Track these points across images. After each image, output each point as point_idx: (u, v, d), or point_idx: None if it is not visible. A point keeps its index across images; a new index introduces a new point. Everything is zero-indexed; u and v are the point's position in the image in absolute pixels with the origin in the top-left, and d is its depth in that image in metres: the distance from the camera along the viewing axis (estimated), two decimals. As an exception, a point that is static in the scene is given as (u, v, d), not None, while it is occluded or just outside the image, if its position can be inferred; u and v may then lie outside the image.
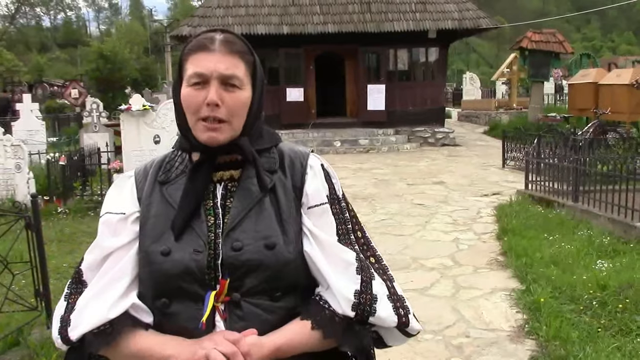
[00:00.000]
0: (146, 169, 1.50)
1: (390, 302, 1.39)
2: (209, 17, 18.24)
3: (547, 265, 5.72)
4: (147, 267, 1.36)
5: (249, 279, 1.33)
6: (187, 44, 1.42)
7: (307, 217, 1.42)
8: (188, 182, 1.40)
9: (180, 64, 1.42)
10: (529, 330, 4.49)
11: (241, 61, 1.39)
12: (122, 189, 1.48)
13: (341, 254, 1.39)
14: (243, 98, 1.39)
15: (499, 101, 26.62)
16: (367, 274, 1.38)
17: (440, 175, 12.75)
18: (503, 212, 8.20)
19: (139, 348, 1.33)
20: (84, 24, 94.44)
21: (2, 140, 9.66)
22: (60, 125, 23.53)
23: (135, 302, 1.35)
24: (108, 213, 1.44)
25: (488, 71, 54.40)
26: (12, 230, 4.30)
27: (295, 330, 1.34)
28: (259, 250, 1.33)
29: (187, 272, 1.32)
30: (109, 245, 1.39)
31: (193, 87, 1.36)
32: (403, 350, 4.28)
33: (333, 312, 1.35)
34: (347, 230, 1.46)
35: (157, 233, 1.37)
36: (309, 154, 1.52)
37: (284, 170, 1.45)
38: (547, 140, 11.57)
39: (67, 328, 1.34)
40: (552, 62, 19.46)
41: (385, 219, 8.62)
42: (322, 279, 1.38)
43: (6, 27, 44.54)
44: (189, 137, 1.40)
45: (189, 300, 1.33)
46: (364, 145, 17.97)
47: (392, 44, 18.84)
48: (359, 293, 1.35)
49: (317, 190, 1.45)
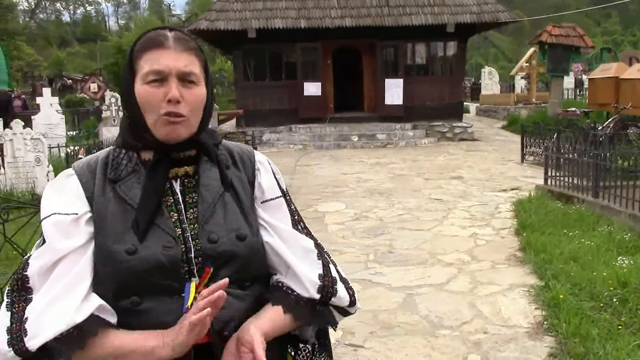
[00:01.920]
0: (90, 166, 1.44)
1: (342, 283, 1.52)
2: (226, 12, 18.25)
3: (567, 261, 5.66)
4: (110, 267, 1.33)
5: (224, 269, 1.39)
6: (135, 42, 1.42)
7: (261, 210, 1.50)
8: (147, 180, 1.39)
9: (131, 62, 1.40)
10: (548, 327, 4.44)
11: (196, 58, 1.42)
12: (65, 189, 1.41)
13: (301, 242, 1.50)
14: (201, 94, 1.41)
15: (518, 96, 26.37)
16: (325, 258, 1.51)
17: (458, 170, 12.67)
18: (522, 208, 8.12)
19: (116, 346, 1.30)
20: (103, 19, 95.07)
21: (23, 134, 9.76)
22: (80, 119, 23.75)
23: (101, 304, 1.32)
24: (56, 214, 1.37)
25: (507, 65, 53.99)
26: (32, 223, 4.33)
27: (272, 316, 1.43)
28: (232, 241, 1.40)
29: (159, 268, 1.33)
30: (62, 248, 1.32)
31: (150, 84, 1.36)
32: (420, 346, 4.27)
33: (298, 296, 1.45)
34: (296, 221, 1.55)
35: (118, 232, 1.35)
36: (254, 151, 1.59)
37: (236, 166, 1.52)
38: (566, 135, 11.45)
39: (22, 338, 1.25)
40: (572, 57, 19.20)
41: (402, 213, 8.58)
42: (283, 267, 1.48)
43: (27, 22, 44.98)
44: (144, 134, 1.39)
45: (163, 295, 1.34)
46: (382, 140, 17.91)
47: (410, 38, 18.74)
48: (322, 276, 1.47)
49: (271, 185, 1.54)
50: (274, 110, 18.94)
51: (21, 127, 9.88)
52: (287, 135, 18.42)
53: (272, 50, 19.12)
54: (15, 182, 9.61)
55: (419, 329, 4.56)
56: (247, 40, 18.28)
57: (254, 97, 18.97)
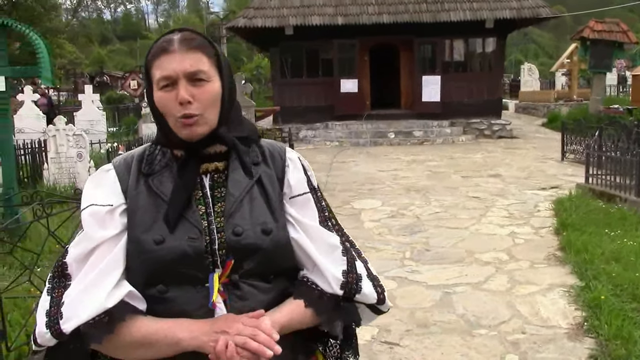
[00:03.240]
0: (126, 161, 1.52)
1: (370, 281, 1.52)
2: (264, 9, 18.35)
3: (608, 261, 5.54)
4: (139, 256, 1.39)
5: (247, 262, 1.42)
6: (149, 51, 1.46)
7: (289, 206, 1.52)
8: (178, 178, 1.45)
9: (146, 71, 1.46)
10: (588, 329, 4.36)
11: (203, 55, 1.43)
12: (103, 182, 1.49)
13: (327, 238, 1.51)
14: (213, 90, 1.43)
15: (559, 92, 25.93)
16: (351, 255, 1.52)
17: (497, 167, 12.51)
18: (562, 206, 7.97)
19: (143, 333, 1.35)
20: (143, 17, 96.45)
21: (65, 130, 9.98)
22: (120, 116, 24.17)
23: (131, 290, 1.37)
24: (93, 205, 1.44)
25: (547, 62, 53.02)
26: (74, 217, 4.43)
27: (292, 309, 1.45)
28: (257, 235, 1.43)
29: (184, 258, 1.38)
30: (97, 237, 1.40)
31: (163, 90, 1.41)
32: (457, 345, 4.23)
33: (321, 291, 1.47)
34: (325, 217, 1.56)
35: (148, 223, 1.41)
36: (286, 148, 1.61)
37: (266, 163, 1.54)
38: (609, 132, 11.21)
39: (58, 321, 1.33)
40: (615, 53, 18.74)
41: (439, 211, 8.52)
42: (309, 262, 1.49)
43: (69, 20, 45.87)
44: (171, 136, 1.45)
45: (188, 284, 1.39)
46: (418, 137, 17.79)
47: (448, 34, 18.55)
48: (346, 273, 1.48)
49: (300, 181, 1.56)
50: (311, 107, 18.98)
51: (64, 124, 10.10)
52: (324, 132, 18.44)
53: (309, 47, 19.15)
54: (58, 177, 9.82)
55: (456, 328, 4.52)
56: (284, 37, 18.35)
57: (291, 94, 19.03)
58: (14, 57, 20.20)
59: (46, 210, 3.99)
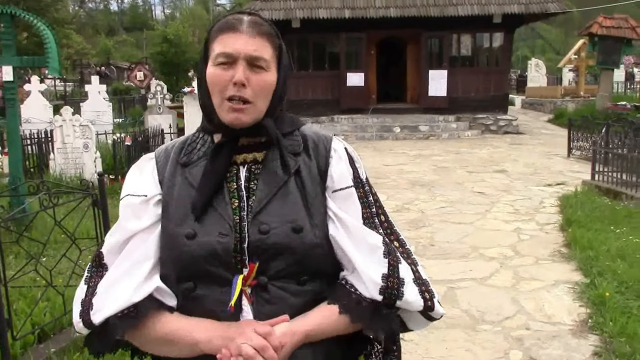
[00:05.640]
0: (167, 150, 1.48)
1: (416, 286, 1.37)
2: (271, 1, 18.30)
3: (614, 258, 5.53)
4: (171, 250, 1.35)
5: (276, 262, 1.33)
6: (214, 24, 1.41)
7: (331, 200, 1.40)
8: (208, 163, 1.39)
9: (206, 43, 1.41)
10: (593, 325, 4.36)
11: (268, 44, 1.38)
12: (143, 171, 1.46)
13: (368, 238, 1.38)
14: (269, 80, 1.37)
15: (566, 88, 25.80)
16: (394, 257, 1.37)
17: (502, 163, 12.49)
18: (567, 203, 7.96)
19: (165, 332, 1.32)
20: (150, 8, 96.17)
21: (72, 121, 9.99)
22: (126, 107, 24.20)
23: (159, 286, 1.34)
24: (130, 195, 1.43)
25: (554, 57, 52.73)
26: (80, 207, 4.44)
27: (324, 315, 1.34)
28: (285, 233, 1.33)
29: (213, 255, 1.32)
30: (131, 228, 1.38)
31: (219, 66, 1.35)
32: (461, 340, 4.24)
33: (360, 296, 1.34)
34: (372, 214, 1.44)
35: (181, 215, 1.36)
36: (332, 138, 1.50)
37: (308, 153, 1.44)
38: (616, 129, 11.16)
39: (89, 311, 1.32)
40: (623, 49, 18.64)
41: (444, 206, 8.51)
42: (348, 263, 1.37)
43: (76, 11, 45.92)
44: (213, 117, 1.39)
45: (215, 284, 1.33)
46: (424, 132, 17.75)
47: (455, 28, 18.50)
48: (386, 276, 1.34)
49: (343, 174, 1.44)
50: (317, 100, 18.95)
51: (70, 114, 10.11)
52: (329, 126, 18.41)
53: (315, 40, 19.12)
54: (64, 168, 9.84)
55: (460, 323, 4.52)
56: (290, 30, 18.29)
57: (297, 87, 18.99)
58: (21, 46, 20.22)
59: (53, 200, 4.00)
